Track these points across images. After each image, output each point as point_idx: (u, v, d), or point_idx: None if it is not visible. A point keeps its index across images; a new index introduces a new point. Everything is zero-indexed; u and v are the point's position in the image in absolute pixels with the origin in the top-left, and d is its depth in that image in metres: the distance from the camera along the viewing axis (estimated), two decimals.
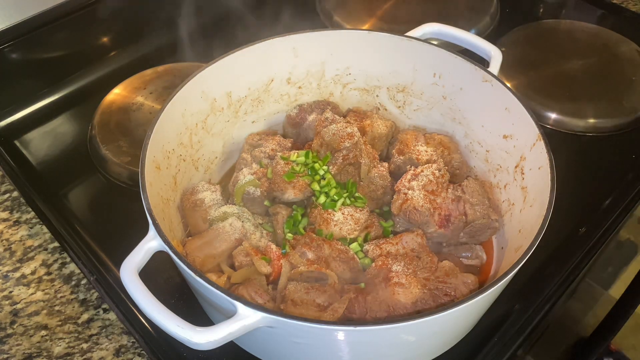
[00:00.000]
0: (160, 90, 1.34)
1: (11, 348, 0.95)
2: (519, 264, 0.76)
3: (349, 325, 0.71)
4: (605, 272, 1.34)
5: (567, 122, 1.30)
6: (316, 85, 1.18)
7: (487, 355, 0.92)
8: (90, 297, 1.02)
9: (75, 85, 1.40)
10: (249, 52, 1.06)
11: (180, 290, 0.99)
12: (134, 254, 0.77)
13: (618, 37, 1.49)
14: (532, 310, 0.97)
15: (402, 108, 1.19)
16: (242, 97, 1.12)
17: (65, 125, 1.32)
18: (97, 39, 1.45)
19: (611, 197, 1.16)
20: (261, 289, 0.87)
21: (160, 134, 0.93)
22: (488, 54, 1.08)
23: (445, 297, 0.85)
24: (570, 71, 1.42)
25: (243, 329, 0.70)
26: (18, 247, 1.09)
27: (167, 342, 0.91)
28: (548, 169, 0.87)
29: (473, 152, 1.12)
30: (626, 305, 1.15)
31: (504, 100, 0.99)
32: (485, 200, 1.00)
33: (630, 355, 1.45)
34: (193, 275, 0.73)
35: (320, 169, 1.02)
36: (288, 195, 1.01)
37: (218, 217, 0.97)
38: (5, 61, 1.31)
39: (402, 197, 0.98)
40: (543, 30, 1.55)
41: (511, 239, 0.97)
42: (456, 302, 0.71)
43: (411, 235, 0.96)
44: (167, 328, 0.70)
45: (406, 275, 0.87)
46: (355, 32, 1.12)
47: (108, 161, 1.20)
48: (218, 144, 1.13)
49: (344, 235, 0.96)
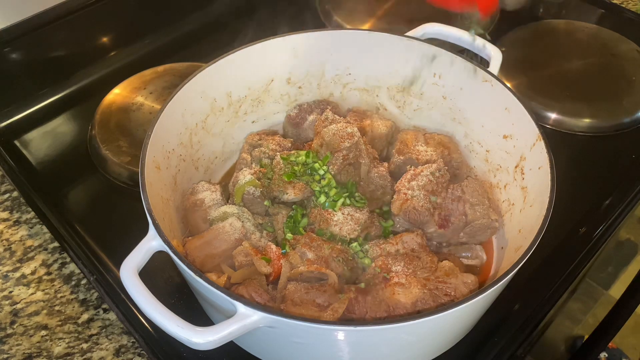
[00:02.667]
0: (160, 90, 1.34)
1: (11, 348, 0.95)
2: (519, 264, 0.76)
3: (349, 325, 0.71)
4: (605, 272, 1.35)
5: (567, 122, 1.30)
6: (316, 85, 1.18)
7: (487, 355, 0.92)
8: (90, 297, 1.02)
9: (75, 85, 1.40)
10: (249, 52, 1.06)
11: (180, 290, 0.99)
12: (134, 254, 0.77)
13: (618, 37, 1.49)
14: (532, 310, 0.97)
15: (402, 108, 1.19)
16: (242, 97, 1.12)
17: (65, 125, 1.32)
18: (97, 39, 1.45)
19: (611, 197, 1.16)
20: (261, 289, 0.87)
21: (160, 134, 0.93)
22: (488, 54, 1.08)
23: (445, 297, 0.85)
24: (570, 71, 1.42)
25: (243, 329, 0.70)
26: (18, 247, 1.09)
27: (167, 342, 0.91)
28: (548, 169, 0.87)
29: (473, 152, 1.12)
30: (626, 305, 1.15)
31: (504, 100, 0.99)
32: (485, 200, 1.00)
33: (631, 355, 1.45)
34: (193, 275, 0.73)
35: (320, 169, 1.02)
36: (288, 195, 1.01)
37: (218, 217, 0.97)
38: (5, 61, 1.31)
39: (402, 197, 0.98)
40: (543, 30, 1.55)
41: (511, 239, 0.97)
42: (456, 302, 0.71)
43: (411, 235, 0.96)
44: (167, 328, 0.70)
45: (406, 275, 0.87)
46: (355, 32, 1.12)
47: (108, 161, 1.20)
48: (218, 144, 1.13)
49: (344, 235, 0.96)
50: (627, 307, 1.14)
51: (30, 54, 1.34)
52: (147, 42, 1.49)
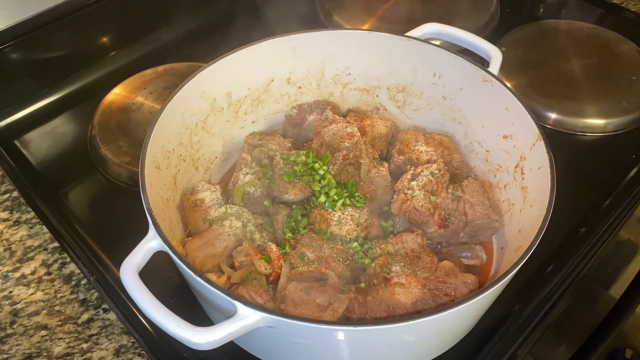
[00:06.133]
0: (160, 90, 1.34)
1: (11, 348, 0.95)
2: (519, 264, 0.76)
3: (349, 325, 0.71)
4: (605, 272, 1.34)
5: (567, 122, 1.31)
6: (316, 85, 1.18)
7: (487, 355, 0.92)
8: (90, 297, 1.02)
9: (75, 85, 1.40)
10: (249, 52, 1.06)
11: (180, 290, 0.99)
12: (134, 254, 0.77)
13: (618, 37, 1.50)
14: (532, 310, 0.97)
15: (402, 108, 1.19)
16: (242, 97, 1.12)
17: (65, 125, 1.32)
18: (97, 39, 1.45)
19: (611, 197, 1.16)
20: (261, 289, 0.87)
21: (160, 134, 0.93)
22: (488, 54, 1.08)
23: (445, 297, 0.85)
24: (570, 71, 1.42)
25: (243, 329, 0.70)
26: (18, 247, 1.09)
27: (167, 342, 0.91)
28: (548, 169, 0.87)
29: (473, 152, 1.12)
30: (626, 305, 1.15)
31: (504, 100, 0.99)
32: (485, 200, 1.00)
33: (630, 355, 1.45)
34: (193, 275, 0.73)
35: (320, 169, 1.02)
36: (288, 195, 1.01)
37: (218, 217, 0.97)
38: (5, 61, 1.31)
39: (402, 197, 0.98)
40: (543, 30, 1.55)
41: (511, 239, 0.97)
42: (456, 302, 0.71)
43: (411, 235, 0.96)
44: (167, 328, 0.70)
45: (406, 275, 0.87)
46: (355, 32, 1.12)
47: (108, 161, 1.20)
48: (218, 144, 1.13)
49: (344, 235, 0.96)
50: (627, 307, 1.14)
51: (30, 54, 1.34)
52: (147, 42, 1.49)
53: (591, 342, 1.10)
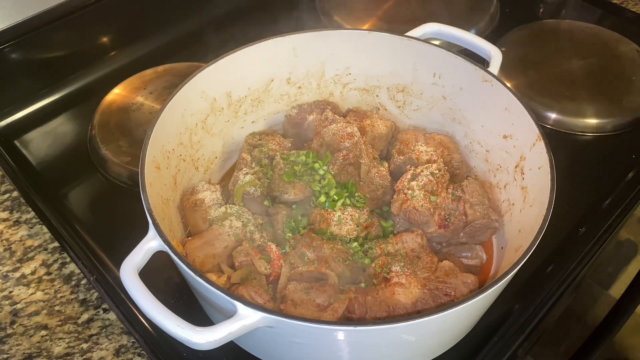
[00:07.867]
0: (160, 90, 1.34)
1: (11, 348, 0.95)
2: (519, 264, 0.76)
3: (349, 325, 0.71)
4: (605, 272, 1.34)
5: (567, 122, 1.31)
6: (316, 85, 1.18)
7: (487, 355, 0.92)
8: (90, 297, 1.02)
9: (75, 85, 1.40)
10: (248, 52, 1.06)
11: (180, 290, 0.99)
12: (134, 254, 0.77)
13: (618, 37, 1.49)
14: (532, 310, 0.97)
15: (402, 108, 1.19)
16: (242, 97, 1.12)
17: (65, 125, 1.32)
18: (97, 39, 1.45)
19: (611, 197, 1.16)
20: (261, 289, 0.87)
21: (160, 134, 0.93)
22: (488, 54, 1.08)
23: (445, 297, 0.85)
24: (570, 71, 1.42)
25: (243, 329, 0.70)
26: (18, 247, 1.09)
27: (167, 342, 0.91)
28: (548, 169, 0.87)
29: (473, 152, 1.12)
30: (626, 305, 1.15)
31: (504, 100, 0.99)
32: (485, 200, 1.00)
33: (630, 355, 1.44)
34: (193, 275, 0.73)
35: (320, 169, 1.02)
36: (288, 195, 1.01)
37: (218, 217, 0.97)
38: (5, 61, 1.31)
39: (402, 197, 0.98)
40: (543, 30, 1.54)
41: (511, 239, 0.97)
42: (456, 302, 0.71)
43: (411, 235, 0.96)
44: (167, 328, 0.70)
45: (406, 275, 0.87)
46: (355, 32, 1.12)
47: (108, 161, 1.20)
48: (218, 144, 1.13)
49: (344, 235, 0.96)
50: (627, 307, 1.14)
51: (30, 54, 1.34)
52: (147, 42, 1.49)
53: (591, 342, 1.10)
